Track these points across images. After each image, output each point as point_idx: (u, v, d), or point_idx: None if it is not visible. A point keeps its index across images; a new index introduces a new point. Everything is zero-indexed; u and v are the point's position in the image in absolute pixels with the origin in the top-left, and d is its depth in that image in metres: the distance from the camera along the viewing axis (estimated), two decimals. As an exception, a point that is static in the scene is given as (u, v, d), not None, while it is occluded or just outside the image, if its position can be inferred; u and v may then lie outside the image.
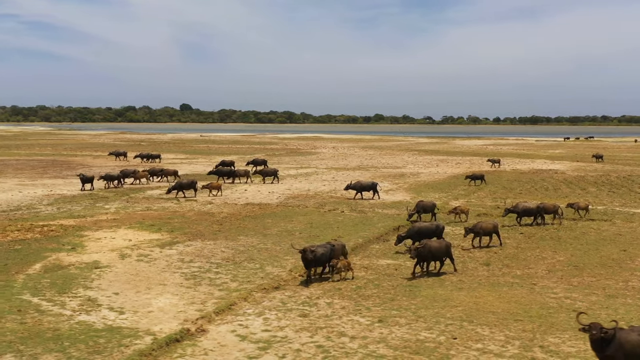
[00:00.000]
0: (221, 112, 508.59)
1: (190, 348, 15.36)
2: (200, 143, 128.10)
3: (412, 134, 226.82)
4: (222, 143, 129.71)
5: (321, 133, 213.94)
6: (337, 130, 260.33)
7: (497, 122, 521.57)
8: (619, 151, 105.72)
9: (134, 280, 21.59)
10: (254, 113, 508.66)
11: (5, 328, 16.54)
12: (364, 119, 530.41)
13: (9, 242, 27.32)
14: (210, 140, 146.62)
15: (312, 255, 20.90)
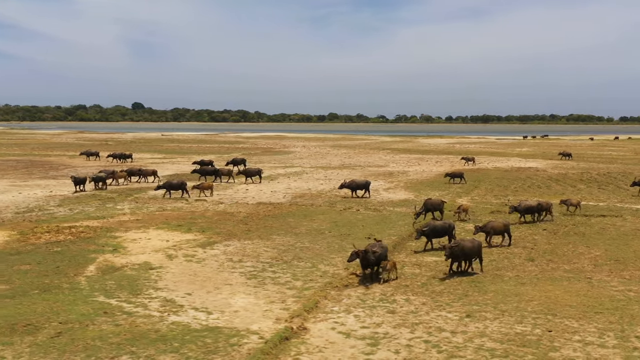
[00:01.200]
0: (174, 110, 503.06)
1: (302, 346, 15.63)
2: (168, 142, 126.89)
3: (374, 132, 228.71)
4: (189, 142, 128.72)
5: (283, 132, 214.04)
6: (298, 129, 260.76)
7: (450, 120, 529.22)
8: (582, 149, 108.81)
9: (196, 280, 21.74)
10: (207, 112, 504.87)
11: (105, 330, 16.53)
12: (318, 118, 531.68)
13: (45, 244, 27.00)
14: (175, 139, 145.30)
15: (374, 256, 21.27)
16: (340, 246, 27.29)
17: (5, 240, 27.65)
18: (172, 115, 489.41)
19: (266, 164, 69.52)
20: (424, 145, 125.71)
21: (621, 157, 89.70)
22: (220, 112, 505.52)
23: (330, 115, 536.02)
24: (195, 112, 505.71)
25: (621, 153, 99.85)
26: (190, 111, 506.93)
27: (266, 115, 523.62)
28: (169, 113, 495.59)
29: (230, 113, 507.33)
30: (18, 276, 21.73)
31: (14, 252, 25.34)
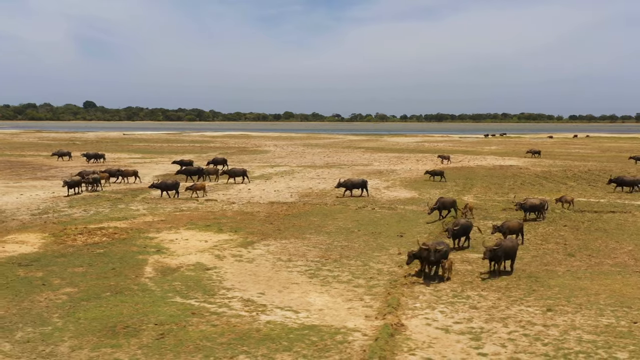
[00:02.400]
0: (127, 109, 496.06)
1: (409, 342, 16.04)
2: (136, 142, 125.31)
3: (337, 131, 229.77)
4: (158, 142, 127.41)
5: (247, 131, 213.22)
6: (259, 129, 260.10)
7: (405, 119, 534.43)
8: (547, 147, 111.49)
9: (259, 280, 22.01)
10: (162, 110, 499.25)
11: (206, 331, 16.66)
12: (274, 117, 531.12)
13: (84, 246, 26.82)
14: (140, 138, 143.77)
15: (438, 254, 21.75)
16: (378, 244, 27.73)
17: (43, 242, 27.31)
18: (126, 114, 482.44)
19: (249, 164, 69.59)
20: (393, 144, 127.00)
21: (590, 154, 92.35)
22: (174, 111, 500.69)
23: (286, 114, 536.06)
24: (149, 111, 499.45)
25: (588, 151, 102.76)
26: (144, 110, 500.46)
27: (221, 114, 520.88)
28: (122, 112, 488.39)
29: (185, 112, 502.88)
30: (79, 279, 21.69)
31: (59, 255, 25.07)
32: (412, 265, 22.98)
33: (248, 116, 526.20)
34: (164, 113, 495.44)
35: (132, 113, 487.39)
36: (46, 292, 20.05)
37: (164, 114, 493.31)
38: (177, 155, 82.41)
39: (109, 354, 15.09)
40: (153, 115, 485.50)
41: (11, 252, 25.49)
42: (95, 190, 45.32)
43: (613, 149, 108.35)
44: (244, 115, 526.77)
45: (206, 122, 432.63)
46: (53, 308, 18.52)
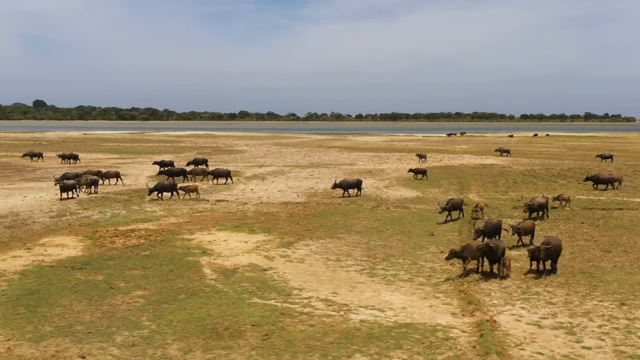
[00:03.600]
0: (79, 108, 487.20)
1: (511, 337, 16.57)
2: (102, 142, 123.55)
3: (301, 131, 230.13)
4: (124, 141, 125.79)
5: (209, 130, 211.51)
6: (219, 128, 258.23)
7: (360, 118, 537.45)
8: (514, 146, 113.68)
9: (322, 279, 22.30)
10: (115, 109, 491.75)
11: (307, 331, 16.91)
12: (229, 116, 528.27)
13: (126, 248, 26.70)
14: (105, 138, 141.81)
15: (498, 252, 22.34)
16: (415, 243, 28.29)
17: (82, 245, 27.13)
18: (78, 113, 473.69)
19: (232, 164, 69.54)
20: (362, 143, 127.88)
21: (561, 153, 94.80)
22: (128, 110, 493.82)
23: (242, 113, 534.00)
24: (101, 110, 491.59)
25: (556, 149, 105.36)
26: (97, 109, 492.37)
27: (176, 113, 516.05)
28: (74, 111, 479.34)
29: (139, 111, 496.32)
30: (142, 281, 21.72)
31: (106, 258, 24.90)
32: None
33: (203, 115, 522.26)
34: (117, 112, 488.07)
35: (84, 112, 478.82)
36: (119, 296, 19.92)
37: (117, 113, 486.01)
38: (154, 155, 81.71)
39: (224, 355, 15.20)
40: (106, 115, 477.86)
41: (56, 255, 25.16)
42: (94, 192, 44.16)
43: (579, 147, 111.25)
44: (199, 114, 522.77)
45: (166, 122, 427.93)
46: (136, 311, 18.44)
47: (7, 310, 18.34)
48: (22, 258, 24.51)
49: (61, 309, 18.51)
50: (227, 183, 51.14)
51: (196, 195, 42.38)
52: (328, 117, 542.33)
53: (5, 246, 26.62)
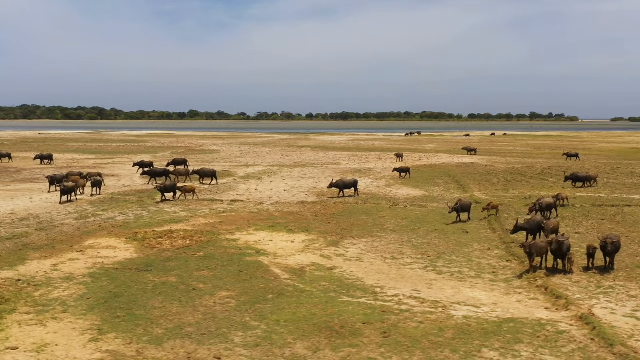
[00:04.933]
0: (23, 107, 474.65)
1: (618, 330, 17.20)
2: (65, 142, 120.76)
3: (260, 130, 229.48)
4: (87, 141, 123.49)
5: (171, 130, 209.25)
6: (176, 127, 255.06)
7: (311, 117, 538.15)
8: (475, 144, 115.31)
9: (394, 278, 22.67)
10: (60, 109, 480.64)
11: (420, 328, 17.29)
12: (179, 115, 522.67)
13: (179, 250, 26.57)
14: (64, 138, 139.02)
15: (565, 247, 23.11)
16: (456, 241, 28.99)
17: (133, 247, 26.92)
18: (22, 112, 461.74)
19: (214, 164, 69.37)
20: (329, 142, 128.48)
21: (528, 152, 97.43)
22: (74, 109, 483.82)
23: (191, 113, 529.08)
24: (46, 109, 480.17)
25: (521, 148, 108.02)
26: (41, 108, 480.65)
27: (123, 113, 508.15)
28: (18, 110, 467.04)
29: (86, 110, 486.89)
30: (219, 282, 21.73)
31: (165, 259, 24.80)
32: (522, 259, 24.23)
33: (152, 115, 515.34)
34: (62, 111, 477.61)
35: (29, 111, 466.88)
36: (205, 297, 19.94)
37: (63, 112, 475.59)
38: (130, 155, 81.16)
39: (355, 353, 15.44)
40: (51, 114, 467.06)
41: (112, 257, 24.89)
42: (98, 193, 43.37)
43: (543, 146, 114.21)
44: (148, 113, 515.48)
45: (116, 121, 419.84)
46: (234, 312, 18.52)
47: (104, 314, 18.13)
48: (80, 261, 24.13)
49: (159, 311, 18.37)
50: (211, 183, 50.51)
51: (193, 196, 41.76)
52: (279, 117, 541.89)
53: (53, 249, 26.20)
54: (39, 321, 17.41)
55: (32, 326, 17.03)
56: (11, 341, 15.87)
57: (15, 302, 19.04)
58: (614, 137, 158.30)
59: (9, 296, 19.50)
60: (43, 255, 25.04)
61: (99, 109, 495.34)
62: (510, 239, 28.33)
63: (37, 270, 22.70)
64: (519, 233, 27.64)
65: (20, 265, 23.36)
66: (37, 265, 23.43)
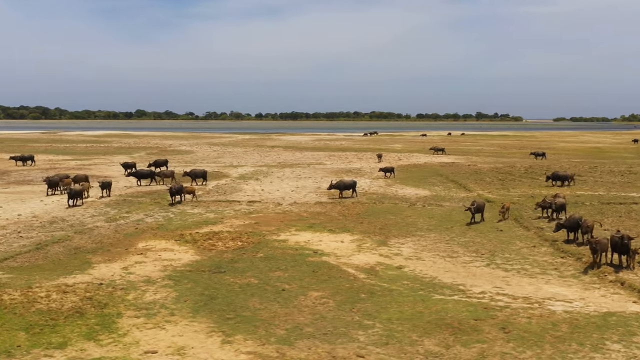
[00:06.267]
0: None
1: None
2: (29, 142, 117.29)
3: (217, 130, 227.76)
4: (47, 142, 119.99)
5: (127, 130, 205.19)
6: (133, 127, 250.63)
7: (260, 117, 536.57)
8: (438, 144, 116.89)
9: (466, 275, 23.28)
10: (1, 108, 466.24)
11: (535, 324, 17.87)
12: (125, 115, 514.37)
13: (237, 251, 26.61)
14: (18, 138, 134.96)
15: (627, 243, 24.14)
16: (497, 239, 29.81)
17: (191, 248, 26.79)
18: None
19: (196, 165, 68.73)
20: (296, 142, 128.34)
21: (498, 151, 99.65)
22: (16, 109, 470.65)
23: (138, 112, 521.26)
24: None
25: (487, 147, 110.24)
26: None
27: (68, 112, 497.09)
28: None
29: (29, 109, 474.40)
30: (301, 283, 21.93)
31: (230, 261, 24.93)
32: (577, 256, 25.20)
33: (98, 114, 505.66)
34: (4, 110, 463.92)
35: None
36: (299, 297, 20.23)
37: (5, 111, 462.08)
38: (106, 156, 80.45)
39: (488, 349, 15.98)
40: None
41: (177, 259, 24.86)
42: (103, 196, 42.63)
43: (507, 146, 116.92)
44: (94, 113, 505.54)
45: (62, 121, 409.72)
46: (339, 311, 18.87)
47: (212, 316, 18.22)
48: (147, 264, 24.01)
49: (265, 312, 18.55)
50: (202, 184, 50.04)
51: (192, 198, 41.54)
52: (228, 116, 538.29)
53: (109, 252, 26.00)
54: (155, 324, 17.31)
55: (152, 329, 16.95)
56: (142, 345, 15.80)
57: (114, 306, 18.86)
58: (569, 137, 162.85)
59: (105, 300, 19.27)
60: (105, 258, 24.73)
61: (43, 108, 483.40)
62: (549, 236, 29.22)
63: (111, 273, 22.44)
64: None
65: (89, 269, 23.06)
66: (106, 268, 23.16)
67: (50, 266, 23.56)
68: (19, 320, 17.32)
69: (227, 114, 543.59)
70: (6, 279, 21.60)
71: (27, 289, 20.15)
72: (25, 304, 18.73)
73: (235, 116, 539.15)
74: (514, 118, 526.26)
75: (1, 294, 19.65)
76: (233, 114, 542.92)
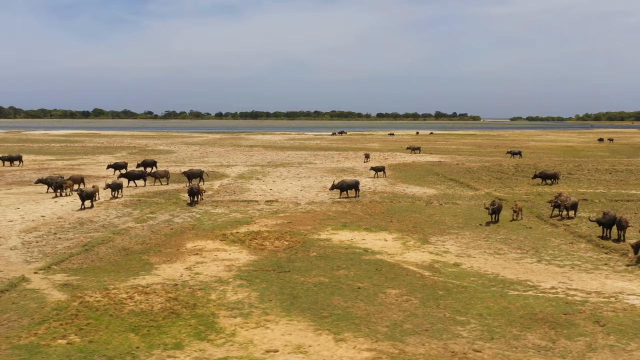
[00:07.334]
0: None
1: None
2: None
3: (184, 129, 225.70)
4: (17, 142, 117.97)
5: (90, 129, 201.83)
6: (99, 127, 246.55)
7: (220, 117, 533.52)
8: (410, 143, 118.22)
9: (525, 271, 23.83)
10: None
11: (624, 316, 18.46)
12: (82, 114, 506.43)
13: (285, 251, 26.78)
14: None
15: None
16: (532, 236, 30.51)
17: (241, 248, 26.93)
18: None
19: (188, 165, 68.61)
20: (272, 142, 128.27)
21: (475, 150, 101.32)
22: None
23: (96, 111, 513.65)
24: None
25: (462, 147, 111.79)
26: None
27: (23, 111, 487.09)
28: None
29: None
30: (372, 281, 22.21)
31: (287, 260, 25.06)
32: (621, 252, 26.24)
33: (54, 113, 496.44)
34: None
35: None
36: (379, 295, 20.52)
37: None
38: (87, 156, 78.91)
39: (592, 342, 16.47)
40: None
41: (235, 259, 24.95)
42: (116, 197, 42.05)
43: (482, 145, 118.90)
44: (50, 112, 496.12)
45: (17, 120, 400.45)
46: (427, 308, 19.23)
47: (306, 314, 18.38)
48: (208, 264, 24.02)
49: (358, 310, 18.76)
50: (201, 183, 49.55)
51: (199, 198, 41.32)
52: (187, 115, 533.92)
53: (160, 252, 25.91)
54: (257, 324, 17.41)
55: (257, 329, 17.05)
56: (257, 344, 15.91)
57: (203, 306, 18.87)
58: (536, 136, 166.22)
59: (191, 301, 19.30)
60: (163, 259, 24.64)
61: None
62: (581, 232, 30.07)
63: (178, 274, 22.39)
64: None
65: (153, 270, 22.97)
66: (170, 269, 23.10)
67: (110, 267, 23.32)
68: (119, 322, 17.19)
69: (186, 113, 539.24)
70: (75, 280, 21.32)
71: (105, 291, 19.92)
72: (113, 305, 18.57)
73: (195, 115, 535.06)
74: (472, 117, 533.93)
75: (83, 295, 19.43)
76: (192, 113, 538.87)
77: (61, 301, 18.95)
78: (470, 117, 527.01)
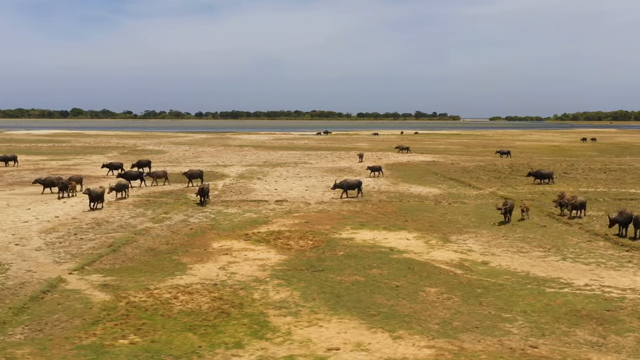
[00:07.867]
0: None
1: None
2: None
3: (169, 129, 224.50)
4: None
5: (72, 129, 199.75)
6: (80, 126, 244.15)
7: (200, 116, 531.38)
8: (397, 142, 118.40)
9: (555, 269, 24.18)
10: None
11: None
12: (61, 113, 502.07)
13: (312, 250, 26.94)
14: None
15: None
16: (549, 235, 30.91)
17: (269, 248, 27.09)
18: None
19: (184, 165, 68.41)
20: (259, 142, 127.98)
21: (465, 150, 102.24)
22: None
23: (74, 111, 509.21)
24: None
25: (451, 146, 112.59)
26: None
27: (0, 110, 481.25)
28: None
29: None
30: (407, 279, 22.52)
31: (317, 260, 25.23)
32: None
33: (32, 113, 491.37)
34: None
35: None
36: (419, 293, 20.77)
37: None
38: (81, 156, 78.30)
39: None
40: None
41: (265, 259, 25.10)
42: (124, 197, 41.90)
43: (470, 144, 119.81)
44: (27, 111, 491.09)
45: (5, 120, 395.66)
46: (469, 306, 19.51)
47: (353, 313, 18.57)
48: (240, 264, 24.14)
49: (404, 309, 19.03)
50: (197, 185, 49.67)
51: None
52: (167, 115, 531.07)
53: (189, 253, 25.99)
54: (309, 322, 17.55)
55: (311, 327, 17.21)
56: (316, 342, 16.06)
57: (250, 305, 18.98)
58: (520, 136, 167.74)
59: (237, 300, 19.42)
60: (194, 259, 24.70)
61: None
62: (596, 230, 30.58)
63: (214, 274, 22.48)
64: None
65: (188, 270, 23.05)
66: (204, 269, 23.18)
67: (143, 268, 23.31)
68: (173, 322, 17.25)
69: (166, 113, 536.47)
70: (112, 281, 21.30)
71: (148, 291, 19.95)
72: (161, 305, 18.62)
73: (175, 115, 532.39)
74: (452, 117, 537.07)
75: (127, 295, 19.43)
76: (172, 112, 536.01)
77: (107, 301, 18.92)
78: (450, 117, 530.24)
